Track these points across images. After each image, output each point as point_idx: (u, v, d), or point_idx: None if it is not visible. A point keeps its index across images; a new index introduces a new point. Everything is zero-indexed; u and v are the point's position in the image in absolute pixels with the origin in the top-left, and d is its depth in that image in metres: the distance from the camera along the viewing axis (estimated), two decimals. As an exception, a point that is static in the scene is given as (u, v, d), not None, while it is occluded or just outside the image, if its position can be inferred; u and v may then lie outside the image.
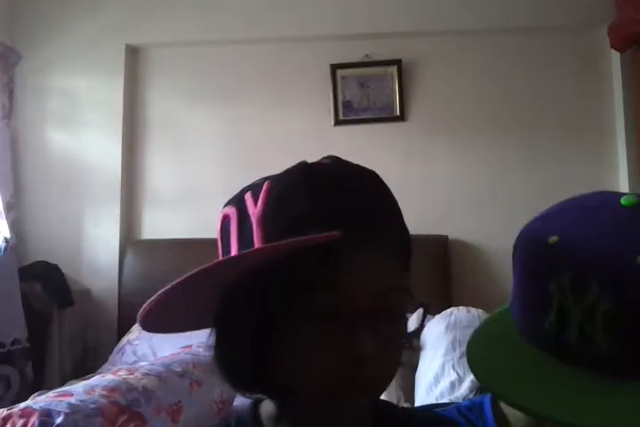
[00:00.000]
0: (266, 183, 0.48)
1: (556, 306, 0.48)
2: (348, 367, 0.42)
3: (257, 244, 0.45)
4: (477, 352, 0.56)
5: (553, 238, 0.49)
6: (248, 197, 0.48)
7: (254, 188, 0.49)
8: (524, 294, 0.53)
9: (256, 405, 0.53)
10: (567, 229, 0.50)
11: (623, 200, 0.49)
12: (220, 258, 0.47)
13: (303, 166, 0.48)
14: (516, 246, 0.56)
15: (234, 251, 0.47)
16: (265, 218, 0.45)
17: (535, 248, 0.51)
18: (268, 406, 0.51)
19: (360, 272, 0.44)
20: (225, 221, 0.50)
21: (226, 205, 0.51)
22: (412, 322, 0.50)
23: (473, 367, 0.54)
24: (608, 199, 0.50)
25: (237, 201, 0.49)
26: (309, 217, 0.44)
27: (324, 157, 0.51)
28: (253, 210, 0.46)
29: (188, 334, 0.53)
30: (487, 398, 0.64)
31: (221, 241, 0.50)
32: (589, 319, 0.45)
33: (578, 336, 0.46)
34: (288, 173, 0.48)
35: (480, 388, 0.69)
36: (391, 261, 0.46)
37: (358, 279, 0.44)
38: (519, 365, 0.51)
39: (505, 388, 0.49)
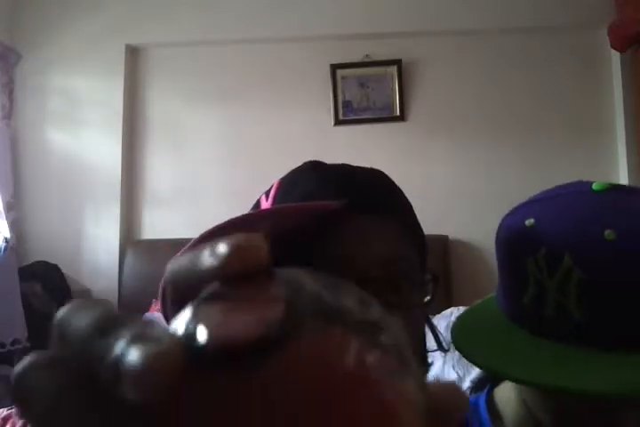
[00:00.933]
0: (275, 183, 0.50)
1: (533, 281, 0.51)
2: None
3: None
4: (462, 331, 0.59)
5: (530, 221, 0.52)
6: (262, 198, 0.50)
7: (268, 190, 0.51)
8: (505, 276, 0.56)
9: None
10: (543, 212, 0.53)
11: (595, 186, 0.53)
12: None
13: (310, 161, 0.51)
14: (497, 236, 0.59)
15: None
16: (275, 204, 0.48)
17: (513, 231, 0.55)
18: None
19: (362, 240, 0.45)
20: None
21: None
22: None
23: (457, 343, 0.57)
24: (581, 186, 0.55)
25: (254, 206, 0.52)
26: (314, 194, 0.45)
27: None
28: (265, 205, 0.49)
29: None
30: (482, 399, 0.65)
31: None
32: (563, 291, 0.48)
33: (554, 310, 0.49)
34: (296, 169, 0.51)
35: (474, 386, 0.70)
36: (394, 234, 0.47)
37: (360, 247, 0.44)
38: (502, 340, 0.54)
39: (488, 360, 0.52)
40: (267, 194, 0.50)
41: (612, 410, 0.51)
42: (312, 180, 0.48)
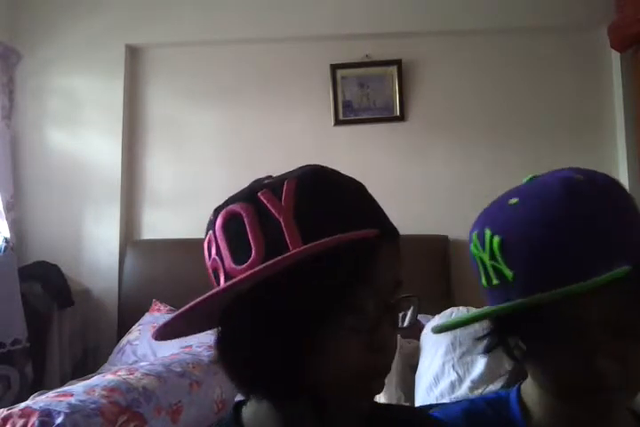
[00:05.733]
0: (287, 183, 0.47)
1: (479, 261, 0.60)
2: (372, 357, 0.45)
3: (292, 241, 0.44)
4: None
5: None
6: (266, 194, 0.47)
7: (268, 186, 0.48)
8: (475, 271, 0.64)
9: (238, 408, 0.52)
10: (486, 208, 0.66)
11: (524, 179, 0.65)
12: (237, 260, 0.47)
13: (317, 169, 0.50)
14: None
15: (257, 250, 0.45)
16: (298, 215, 0.45)
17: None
18: (250, 409, 0.51)
19: (390, 267, 0.48)
20: (233, 219, 0.48)
21: (228, 204, 0.49)
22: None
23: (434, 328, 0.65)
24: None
25: (248, 197, 0.48)
26: (344, 216, 0.46)
27: (303, 166, 0.52)
28: (279, 208, 0.46)
29: (187, 333, 0.53)
30: (513, 393, 0.68)
31: (229, 241, 0.48)
32: (494, 258, 0.57)
33: (497, 277, 0.58)
34: (305, 174, 0.49)
35: (507, 382, 0.75)
36: (400, 255, 0.50)
37: (389, 274, 0.47)
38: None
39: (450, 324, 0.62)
40: (273, 191, 0.47)
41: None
42: (335, 199, 0.47)
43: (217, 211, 0.51)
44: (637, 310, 0.52)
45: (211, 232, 0.50)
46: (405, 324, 0.50)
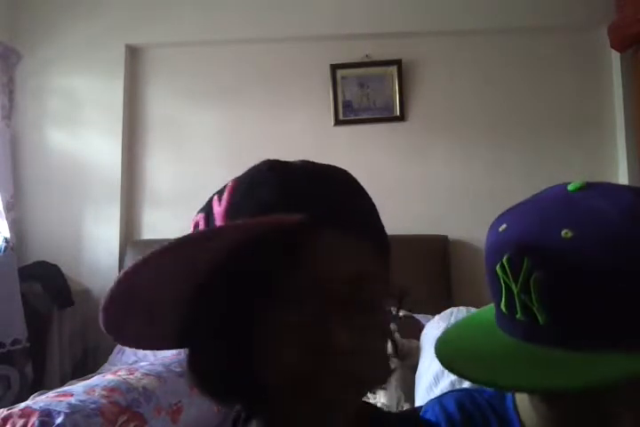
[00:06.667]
0: (230, 182, 0.46)
1: (504, 286, 0.51)
2: (319, 359, 0.39)
3: None
4: (448, 335, 0.61)
5: (502, 227, 0.54)
6: (215, 199, 0.46)
7: (220, 190, 0.47)
8: (489, 283, 0.56)
9: (245, 422, 0.50)
10: (515, 217, 0.54)
11: (570, 186, 0.53)
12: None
13: (267, 161, 0.48)
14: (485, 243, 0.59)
15: None
16: (229, 212, 0.43)
17: (489, 238, 0.56)
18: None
19: (329, 257, 0.41)
20: (195, 228, 0.47)
21: (197, 213, 0.49)
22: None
23: (438, 346, 0.59)
24: (559, 188, 0.55)
25: (206, 206, 0.48)
26: (275, 204, 0.41)
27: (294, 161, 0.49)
28: (218, 209, 0.44)
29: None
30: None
31: None
32: (527, 293, 0.49)
33: (522, 314, 0.50)
34: (252, 168, 0.47)
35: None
36: (363, 247, 0.43)
37: (327, 264, 0.41)
38: (483, 347, 0.55)
39: (460, 364, 0.54)
40: (219, 195, 0.46)
41: (607, 411, 0.52)
42: (270, 187, 0.43)
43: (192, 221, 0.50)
44: None
45: None
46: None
